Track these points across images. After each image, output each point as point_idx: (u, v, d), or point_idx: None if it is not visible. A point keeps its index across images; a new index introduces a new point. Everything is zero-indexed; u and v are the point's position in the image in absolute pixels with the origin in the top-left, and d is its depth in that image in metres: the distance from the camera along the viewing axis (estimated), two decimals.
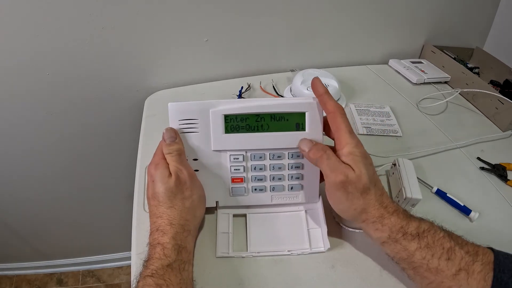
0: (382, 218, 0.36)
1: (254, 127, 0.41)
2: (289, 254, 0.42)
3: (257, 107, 0.40)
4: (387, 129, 0.62)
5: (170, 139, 0.40)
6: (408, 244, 0.34)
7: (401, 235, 0.35)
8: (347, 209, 0.37)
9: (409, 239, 0.34)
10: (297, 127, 0.41)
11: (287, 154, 0.43)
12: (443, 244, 0.34)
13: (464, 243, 0.35)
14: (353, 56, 0.82)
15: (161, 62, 0.69)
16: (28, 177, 0.84)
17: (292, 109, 0.41)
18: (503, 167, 0.55)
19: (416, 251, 0.34)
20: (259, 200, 0.45)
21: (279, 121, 0.41)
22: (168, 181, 0.39)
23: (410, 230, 0.35)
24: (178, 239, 0.36)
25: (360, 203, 0.36)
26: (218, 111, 0.41)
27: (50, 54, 0.61)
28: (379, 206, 0.36)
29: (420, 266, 0.34)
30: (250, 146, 0.42)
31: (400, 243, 0.35)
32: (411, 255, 0.34)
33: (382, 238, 0.36)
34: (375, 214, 0.36)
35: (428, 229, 0.35)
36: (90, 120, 0.75)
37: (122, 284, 1.22)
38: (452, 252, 0.33)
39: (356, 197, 0.36)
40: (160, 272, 0.33)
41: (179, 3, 0.62)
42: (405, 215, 0.36)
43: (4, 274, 1.21)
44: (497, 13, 0.84)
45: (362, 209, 0.36)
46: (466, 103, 0.72)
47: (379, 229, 0.36)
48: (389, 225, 0.35)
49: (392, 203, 0.37)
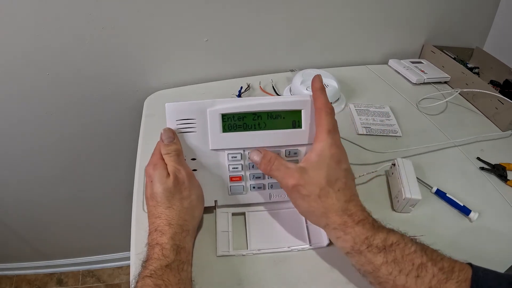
0: (344, 226, 0.34)
1: (251, 125, 0.41)
2: (289, 250, 0.42)
3: (254, 106, 0.41)
4: (387, 129, 0.62)
5: (168, 139, 0.40)
6: (373, 258, 0.32)
7: (365, 247, 0.33)
8: (307, 211, 0.37)
9: (374, 252, 0.32)
10: (294, 125, 0.42)
11: (284, 152, 0.43)
12: (414, 259, 0.31)
13: (439, 258, 0.32)
14: (353, 56, 0.82)
15: (161, 62, 0.69)
16: (28, 177, 0.84)
17: (288, 107, 0.41)
18: (503, 167, 0.55)
19: (382, 265, 0.32)
20: (258, 198, 0.45)
21: (275, 119, 0.41)
22: (166, 181, 0.39)
23: (376, 242, 0.32)
24: (176, 240, 0.36)
25: (319, 206, 0.35)
26: (215, 110, 0.41)
27: (50, 54, 0.61)
28: (342, 213, 0.34)
29: (386, 282, 0.32)
30: (247, 144, 0.42)
31: (365, 256, 0.33)
32: (376, 269, 0.32)
33: (345, 248, 0.34)
34: (336, 221, 0.34)
35: (396, 242, 0.32)
36: (89, 120, 0.75)
37: (122, 284, 1.22)
38: (423, 269, 0.31)
39: (313, 199, 0.35)
40: (159, 272, 0.33)
41: (179, 3, 0.62)
42: (372, 225, 0.34)
43: (4, 274, 1.21)
44: (497, 13, 0.84)
45: (321, 212, 0.35)
46: (466, 103, 0.72)
47: (341, 238, 0.34)
48: (352, 234, 0.33)
49: (360, 211, 0.35)
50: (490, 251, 0.43)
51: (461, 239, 0.45)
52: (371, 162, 0.55)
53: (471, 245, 0.45)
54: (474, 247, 0.44)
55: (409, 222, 0.46)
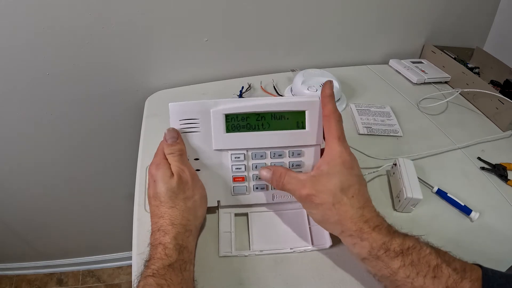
0: (361, 232, 0.34)
1: (255, 126, 0.41)
2: (292, 251, 0.42)
3: (258, 106, 0.41)
4: (388, 129, 0.62)
5: (172, 139, 0.40)
6: (391, 262, 0.32)
7: (383, 252, 0.33)
8: (321, 219, 0.37)
9: (391, 256, 0.32)
10: (298, 126, 0.41)
11: (287, 153, 0.43)
12: (429, 261, 0.32)
13: (451, 259, 0.33)
14: (354, 56, 0.82)
15: (161, 62, 0.69)
16: (28, 177, 0.84)
17: (292, 108, 0.41)
18: (503, 167, 0.55)
19: (400, 269, 0.32)
20: (261, 198, 0.45)
21: (279, 120, 0.41)
22: (170, 181, 0.39)
23: (393, 246, 0.33)
24: (179, 239, 0.36)
25: (333, 214, 0.35)
26: (219, 110, 0.41)
27: (50, 54, 0.61)
28: (357, 220, 0.34)
29: (403, 285, 0.32)
30: (251, 145, 0.42)
31: (382, 260, 0.33)
32: (394, 273, 0.32)
33: (362, 254, 0.34)
34: (352, 228, 0.34)
35: (413, 246, 0.33)
36: (90, 120, 0.75)
37: (122, 284, 1.22)
38: (438, 270, 0.31)
39: (327, 207, 0.35)
40: (161, 272, 0.33)
41: (179, 3, 0.62)
42: (389, 230, 0.34)
43: (4, 274, 1.21)
44: (497, 13, 0.84)
45: (336, 220, 0.35)
46: (466, 103, 0.72)
47: (357, 244, 0.34)
48: (369, 240, 0.33)
49: (375, 217, 0.35)
50: (491, 251, 0.44)
51: (462, 239, 0.45)
52: (372, 162, 0.55)
53: (472, 244, 0.45)
54: (475, 247, 0.44)
55: (410, 222, 0.46)
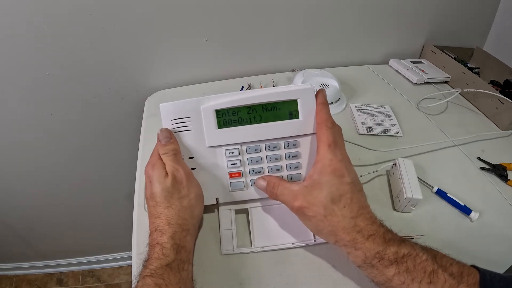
0: (354, 242, 0.34)
1: (247, 119, 0.41)
2: (294, 246, 0.42)
3: (248, 99, 0.40)
4: (388, 129, 0.62)
5: (165, 139, 0.40)
6: (385, 270, 0.32)
7: (377, 261, 0.33)
8: (315, 230, 0.37)
9: (386, 265, 0.32)
10: (291, 116, 0.41)
11: (282, 144, 0.42)
12: (425, 267, 0.32)
13: (448, 264, 0.32)
14: (354, 56, 0.82)
15: (161, 62, 0.69)
16: (28, 177, 0.84)
17: (283, 98, 0.40)
18: (503, 167, 0.55)
19: (394, 276, 0.32)
20: (259, 193, 0.44)
21: (271, 111, 0.41)
22: (165, 181, 0.39)
23: (388, 255, 0.32)
24: (176, 239, 0.36)
25: (325, 226, 0.35)
26: (209, 107, 0.40)
27: (50, 54, 0.61)
28: (350, 230, 0.34)
29: None
30: (244, 139, 0.42)
31: (377, 268, 0.33)
32: (389, 280, 0.32)
33: (357, 262, 0.34)
34: (345, 238, 0.34)
35: (408, 254, 0.32)
36: (90, 120, 0.75)
37: (122, 284, 1.22)
38: (434, 275, 0.31)
39: (319, 219, 0.35)
40: (159, 271, 0.33)
41: (179, 3, 0.62)
42: (383, 239, 0.33)
43: (4, 274, 1.21)
44: (497, 13, 0.84)
45: (329, 231, 0.35)
46: (466, 103, 0.72)
47: (352, 253, 0.34)
48: (363, 250, 0.33)
49: (370, 225, 0.34)
50: (491, 251, 0.43)
51: (461, 239, 0.45)
52: (372, 162, 0.55)
53: (472, 244, 0.44)
54: (475, 247, 0.44)
55: (410, 222, 0.46)
